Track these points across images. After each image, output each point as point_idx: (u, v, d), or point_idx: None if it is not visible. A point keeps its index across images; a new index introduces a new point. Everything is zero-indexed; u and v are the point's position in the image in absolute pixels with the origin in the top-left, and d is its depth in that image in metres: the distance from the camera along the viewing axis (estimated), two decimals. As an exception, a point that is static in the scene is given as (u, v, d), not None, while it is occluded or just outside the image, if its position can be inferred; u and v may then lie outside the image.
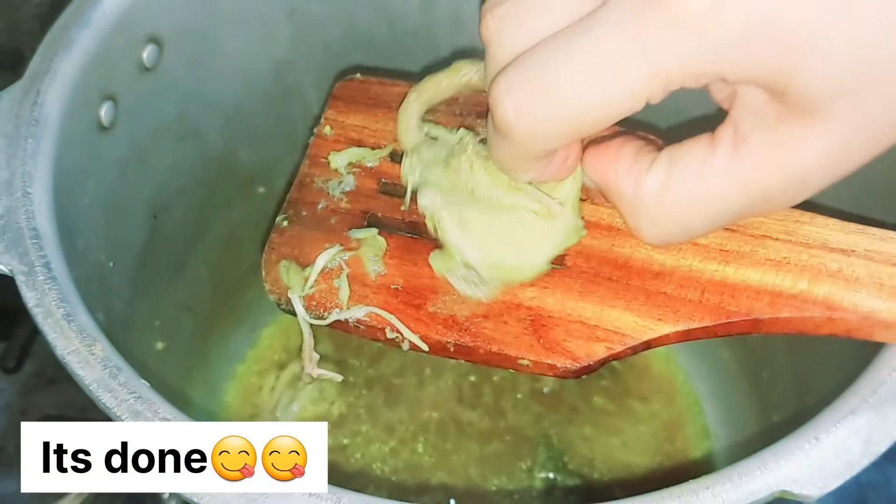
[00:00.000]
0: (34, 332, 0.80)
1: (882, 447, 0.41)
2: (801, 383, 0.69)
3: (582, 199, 0.50)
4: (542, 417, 0.79)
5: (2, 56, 0.94)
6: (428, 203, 0.48)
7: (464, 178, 0.48)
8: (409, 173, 0.50)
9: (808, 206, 0.48)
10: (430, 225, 0.48)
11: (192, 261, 0.75)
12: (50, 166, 0.52)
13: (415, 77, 0.65)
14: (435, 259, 0.49)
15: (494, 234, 0.47)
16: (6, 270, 0.47)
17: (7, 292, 0.48)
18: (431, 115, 0.54)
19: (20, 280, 0.47)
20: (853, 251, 0.46)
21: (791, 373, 0.70)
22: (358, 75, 0.57)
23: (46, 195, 0.51)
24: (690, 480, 0.40)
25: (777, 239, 0.47)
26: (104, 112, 0.58)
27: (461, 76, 0.54)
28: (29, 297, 0.46)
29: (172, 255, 0.72)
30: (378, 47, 0.73)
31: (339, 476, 0.75)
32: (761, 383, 0.76)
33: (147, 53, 0.61)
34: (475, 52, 0.73)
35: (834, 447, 0.41)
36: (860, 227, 0.46)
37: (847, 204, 0.58)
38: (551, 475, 0.76)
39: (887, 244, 0.45)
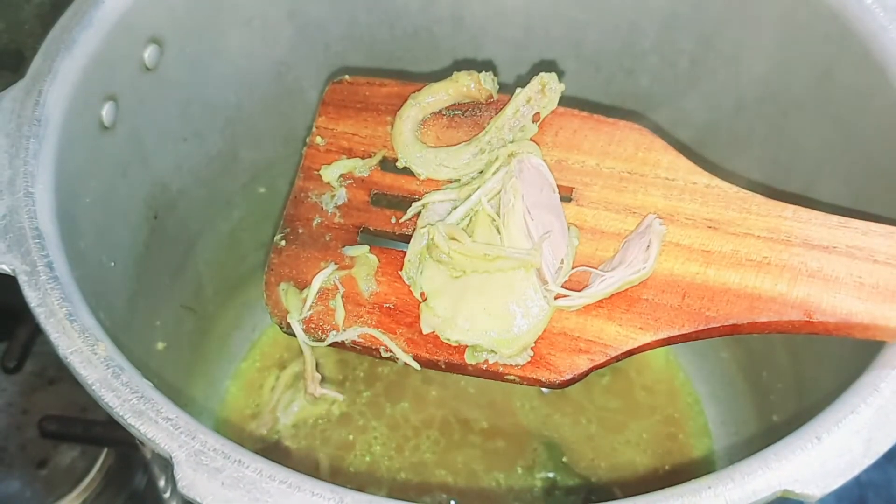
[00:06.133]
0: (35, 332, 0.80)
1: (884, 447, 0.41)
2: (801, 383, 0.69)
3: (567, 201, 0.50)
4: (546, 416, 0.79)
5: (3, 56, 0.94)
6: (431, 327, 0.50)
7: (450, 266, 0.49)
8: (411, 285, 0.51)
9: (805, 202, 0.48)
10: (443, 337, 0.50)
11: (193, 261, 0.75)
12: (52, 166, 0.52)
13: (408, 77, 0.65)
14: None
15: (494, 315, 0.48)
16: (8, 270, 0.47)
17: (8, 292, 0.48)
18: (428, 123, 0.54)
19: (22, 280, 0.47)
20: (835, 248, 0.45)
21: (791, 373, 0.70)
22: (346, 77, 0.58)
23: (48, 195, 0.51)
24: (692, 480, 0.40)
25: (759, 237, 0.47)
26: (106, 112, 0.58)
27: (459, 86, 0.54)
28: (31, 296, 0.46)
29: (173, 254, 0.72)
30: (378, 48, 0.73)
31: (342, 474, 0.75)
32: (761, 383, 0.76)
33: (148, 54, 0.61)
34: (475, 56, 0.73)
35: (835, 447, 0.41)
36: (843, 220, 0.46)
37: (846, 200, 0.58)
38: (551, 474, 0.76)
39: (869, 238, 0.45)
